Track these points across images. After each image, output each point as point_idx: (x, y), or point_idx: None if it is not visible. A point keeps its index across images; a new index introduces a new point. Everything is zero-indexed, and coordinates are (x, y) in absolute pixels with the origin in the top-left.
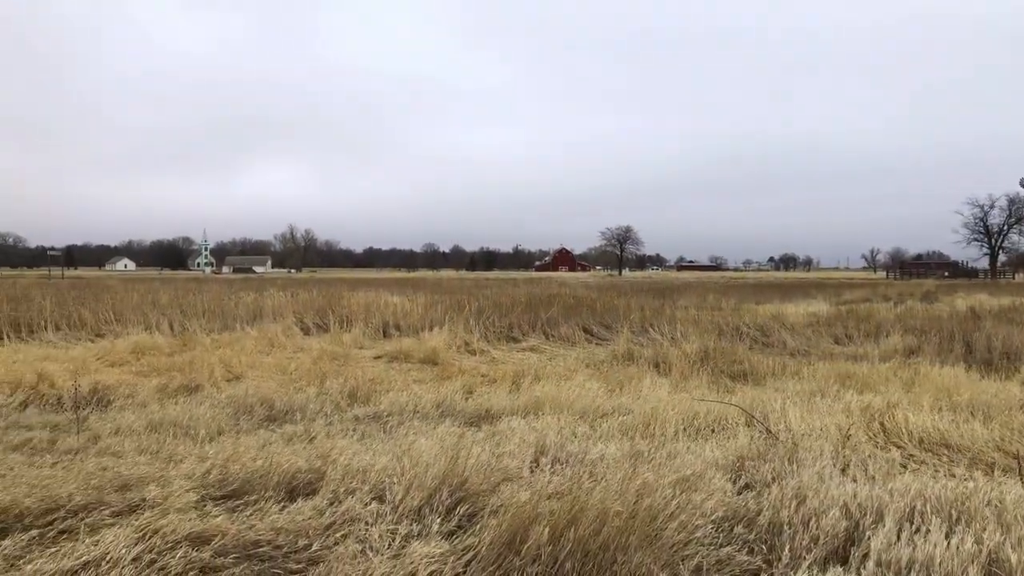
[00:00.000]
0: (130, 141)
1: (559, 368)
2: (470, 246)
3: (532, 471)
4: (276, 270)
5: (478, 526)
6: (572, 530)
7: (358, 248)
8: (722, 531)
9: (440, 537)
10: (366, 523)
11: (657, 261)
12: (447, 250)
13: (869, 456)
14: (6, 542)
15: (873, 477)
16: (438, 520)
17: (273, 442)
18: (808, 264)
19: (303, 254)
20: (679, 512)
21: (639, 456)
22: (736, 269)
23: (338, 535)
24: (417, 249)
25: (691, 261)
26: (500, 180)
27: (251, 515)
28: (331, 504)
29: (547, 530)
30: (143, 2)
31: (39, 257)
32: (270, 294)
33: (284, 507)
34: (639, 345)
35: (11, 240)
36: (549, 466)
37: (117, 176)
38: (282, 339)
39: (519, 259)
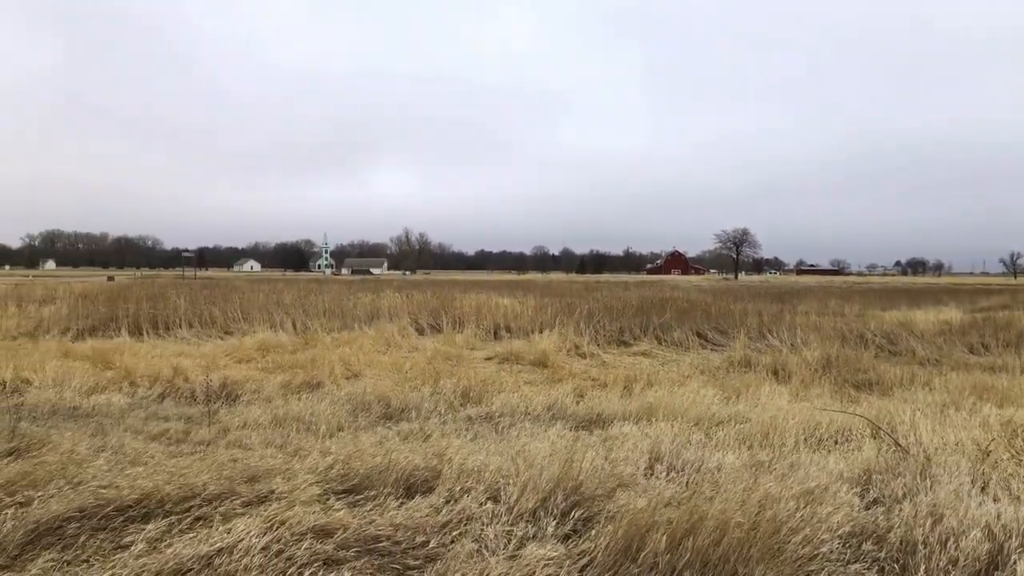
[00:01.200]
0: (258, 148)
1: (672, 374)
2: (580, 248)
3: (647, 477)
4: (391, 272)
5: (594, 531)
6: (691, 539)
7: (469, 251)
8: (849, 547)
9: (556, 540)
10: (481, 523)
11: (775, 265)
12: (556, 252)
13: (1012, 475)
14: (149, 526)
15: (1018, 497)
16: (553, 523)
17: (390, 439)
18: (939, 269)
19: (417, 256)
20: (803, 526)
21: (760, 466)
22: (859, 273)
23: (454, 533)
24: (527, 251)
25: (811, 265)
26: (612, 182)
27: (371, 510)
28: (447, 502)
29: (665, 538)
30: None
31: (174, 258)
32: (386, 295)
33: (402, 504)
34: (756, 351)
35: (150, 242)
36: (665, 473)
37: (245, 182)
38: (398, 339)
39: (630, 262)
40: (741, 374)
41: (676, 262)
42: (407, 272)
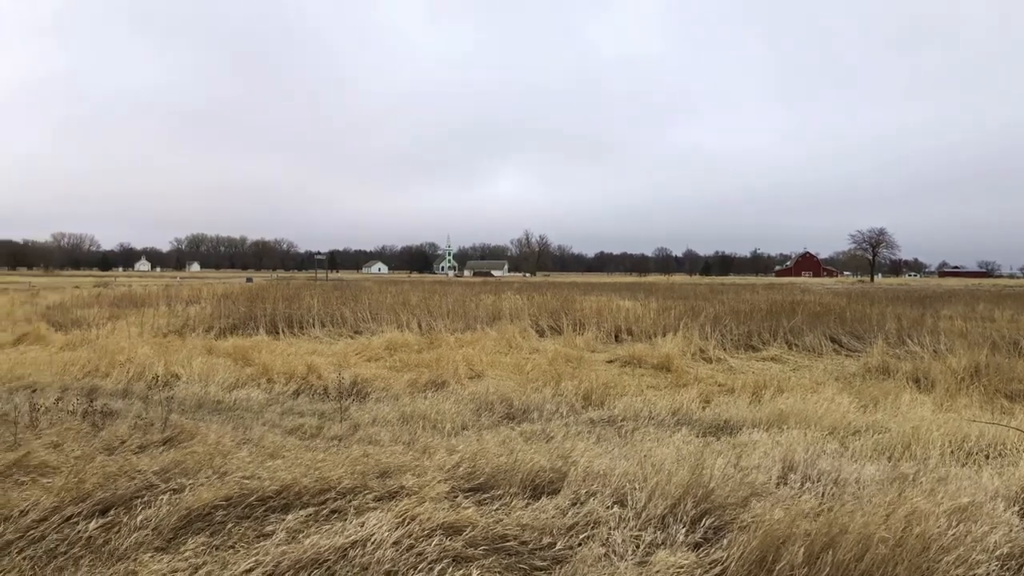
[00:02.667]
0: (386, 155)
1: (804, 380)
2: (704, 250)
3: (779, 487)
4: (511, 274)
5: (726, 540)
6: (830, 553)
7: (589, 252)
8: (1009, 569)
9: (686, 548)
10: (609, 527)
11: (915, 267)
12: (680, 254)
13: None
14: (289, 517)
15: None
16: (683, 530)
17: (513, 439)
18: None
19: (537, 258)
20: (956, 544)
21: (903, 479)
22: (1011, 276)
23: (581, 536)
24: (648, 253)
25: (955, 267)
26: (738, 182)
27: (498, 509)
28: (573, 504)
29: (802, 551)
30: (396, 25)
31: (307, 260)
32: (507, 297)
33: (528, 504)
34: (895, 358)
35: (285, 246)
36: (799, 483)
37: (374, 187)
38: (519, 340)
39: (757, 263)
40: (879, 381)
41: (807, 264)
42: (527, 274)
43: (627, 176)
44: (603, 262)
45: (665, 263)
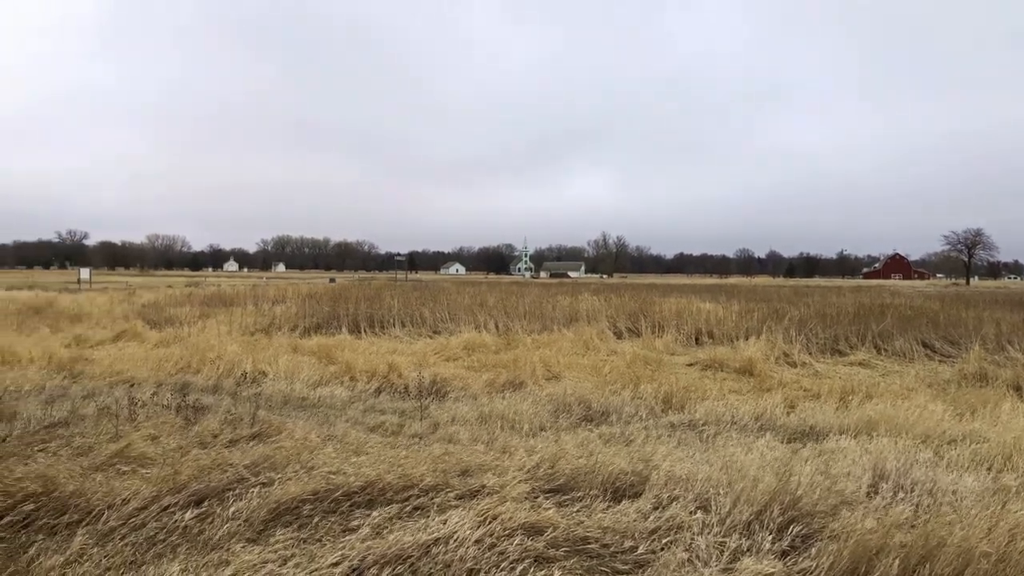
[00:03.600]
0: (464, 157)
1: (894, 386)
2: (787, 251)
3: (870, 496)
4: (588, 275)
5: (814, 549)
6: (926, 567)
7: (668, 254)
8: None
9: (773, 556)
10: (692, 532)
11: (1015, 269)
12: (762, 255)
13: None
14: (373, 512)
15: None
16: (769, 538)
17: (592, 441)
18: None
19: (614, 260)
20: None
21: (1006, 491)
22: None
23: (664, 541)
24: (730, 254)
25: None
26: (825, 181)
27: (578, 511)
28: (655, 509)
29: (897, 563)
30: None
31: (387, 261)
32: (584, 298)
33: (609, 507)
34: (995, 364)
35: (366, 247)
36: (891, 493)
37: (453, 189)
38: (596, 342)
39: (844, 265)
40: (976, 389)
41: (896, 266)
42: (604, 275)
43: (709, 175)
44: (682, 263)
45: (747, 264)
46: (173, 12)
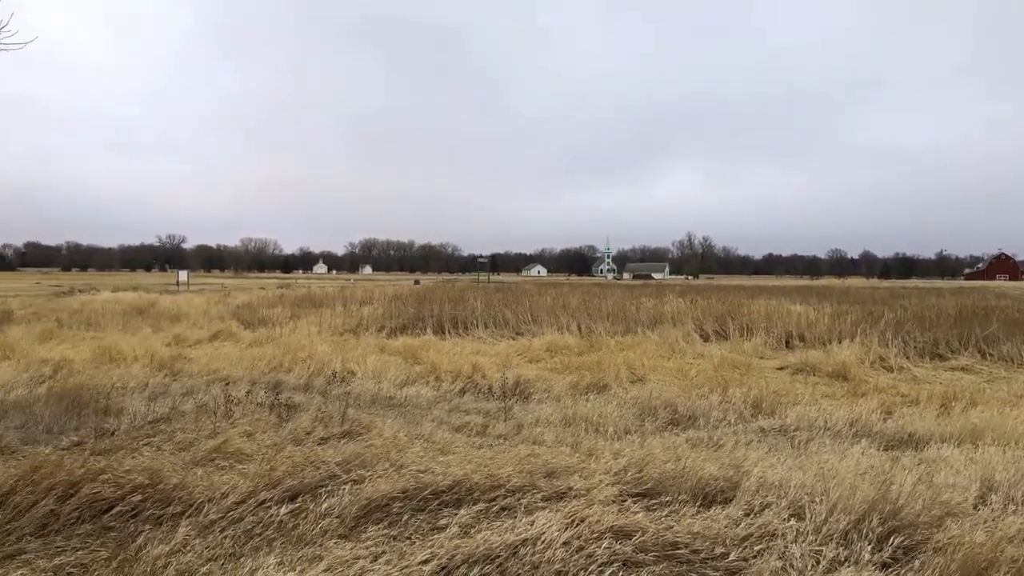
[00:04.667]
0: (547, 159)
1: (1001, 392)
2: (882, 251)
3: (977, 508)
4: (673, 276)
5: (918, 561)
6: None
7: (756, 254)
8: None
9: (873, 567)
10: (786, 539)
11: None
12: (855, 256)
13: None
14: (461, 511)
15: None
16: (868, 548)
17: (679, 446)
18: None
19: (700, 261)
20: None
21: None
22: None
23: (756, 548)
24: (821, 255)
25: None
26: (923, 178)
27: (667, 515)
28: (746, 515)
29: None
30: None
31: (470, 263)
32: (668, 300)
33: (698, 512)
34: None
35: (449, 249)
36: (1001, 505)
37: (536, 189)
38: (682, 344)
39: (943, 266)
40: None
41: (1002, 266)
42: (689, 276)
43: (801, 173)
44: (771, 264)
45: (839, 265)
46: (266, 21)
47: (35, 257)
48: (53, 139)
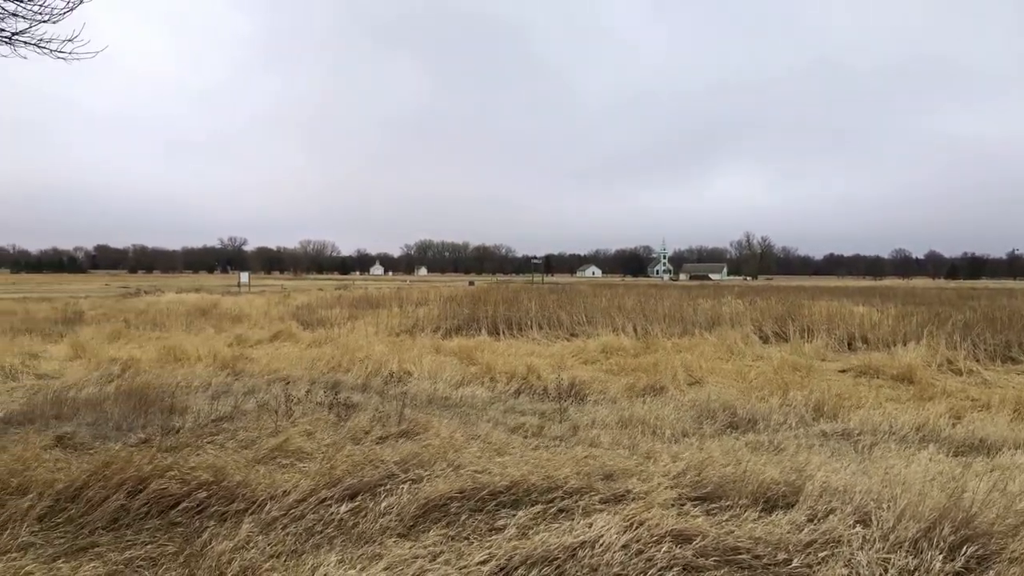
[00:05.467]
0: (602, 158)
1: None
2: (949, 251)
3: None
4: (731, 277)
5: (992, 572)
6: None
7: (817, 255)
8: None
9: None
10: (851, 547)
11: None
12: (920, 256)
13: None
14: (520, 512)
15: None
16: (940, 557)
17: (738, 449)
18: None
19: (759, 261)
20: None
21: None
22: None
23: (820, 555)
24: (884, 255)
25: None
26: (993, 175)
27: (728, 520)
28: (809, 520)
29: None
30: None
31: (524, 264)
32: (726, 301)
33: (760, 516)
34: None
35: (503, 250)
36: None
37: (590, 190)
38: (740, 346)
39: (1015, 266)
40: None
41: None
42: (748, 277)
43: (863, 170)
44: (832, 265)
45: (903, 265)
46: (316, 23)
47: (104, 259)
48: (118, 146)
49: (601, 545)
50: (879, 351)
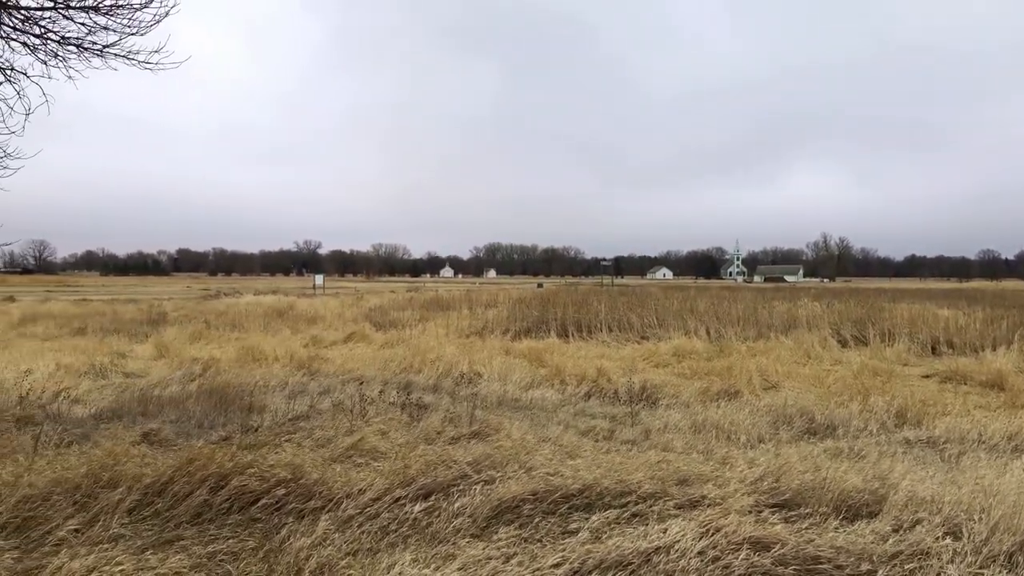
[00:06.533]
0: (672, 159)
1: None
2: None
3: None
4: (807, 279)
5: None
6: None
7: (898, 256)
8: None
9: None
10: (940, 559)
11: None
12: (1010, 256)
13: None
14: (593, 516)
15: None
16: None
17: (816, 456)
18: None
19: (836, 263)
20: None
21: None
22: None
23: (907, 567)
24: (970, 256)
25: None
26: None
27: (808, 528)
28: (894, 531)
29: None
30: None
31: (593, 267)
32: (803, 304)
33: (841, 525)
34: None
35: (572, 252)
36: None
37: (659, 191)
38: (818, 350)
39: None
40: None
41: None
42: (825, 279)
43: (949, 166)
44: (914, 266)
45: (992, 267)
46: (387, 27)
47: (186, 262)
48: (197, 151)
49: (676, 551)
50: (966, 356)
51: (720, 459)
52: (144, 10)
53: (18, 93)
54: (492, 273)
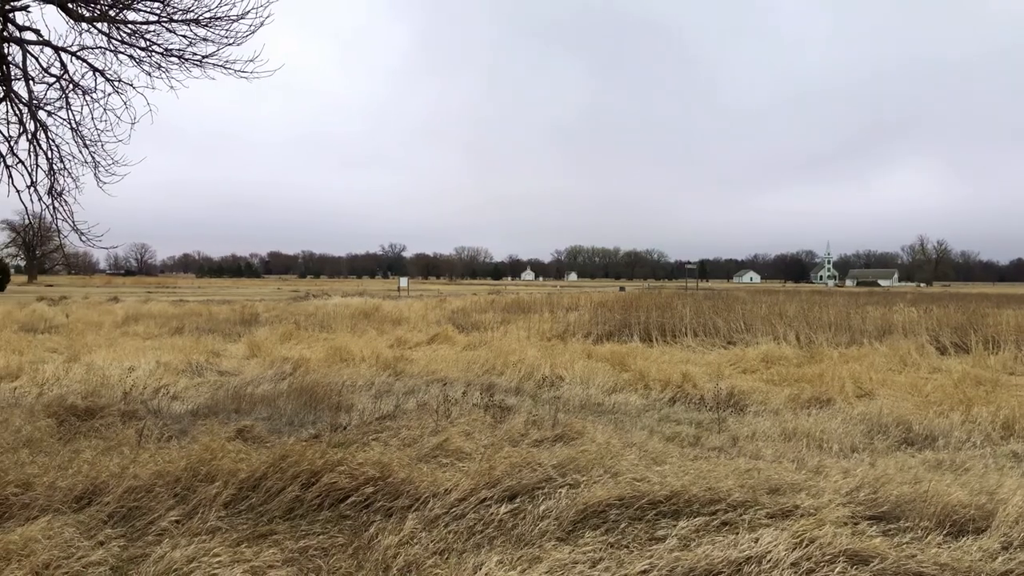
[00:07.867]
0: (759, 160)
1: None
2: None
3: None
4: (902, 284)
5: None
6: None
7: (1002, 260)
8: None
9: None
10: None
11: None
12: None
13: None
14: (680, 523)
15: None
16: None
17: (914, 467)
18: None
19: (934, 267)
20: None
21: None
22: None
23: None
24: None
25: None
26: None
27: (908, 542)
28: (1004, 548)
29: None
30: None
31: (677, 270)
32: (898, 309)
33: (945, 541)
34: None
35: (655, 255)
36: None
37: (746, 193)
38: (915, 357)
39: None
40: None
41: None
42: (921, 284)
43: None
44: (1021, 271)
45: None
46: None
47: (276, 265)
48: (287, 158)
49: (769, 561)
50: None
51: (813, 468)
52: (240, 21)
53: (125, 103)
54: (573, 276)
